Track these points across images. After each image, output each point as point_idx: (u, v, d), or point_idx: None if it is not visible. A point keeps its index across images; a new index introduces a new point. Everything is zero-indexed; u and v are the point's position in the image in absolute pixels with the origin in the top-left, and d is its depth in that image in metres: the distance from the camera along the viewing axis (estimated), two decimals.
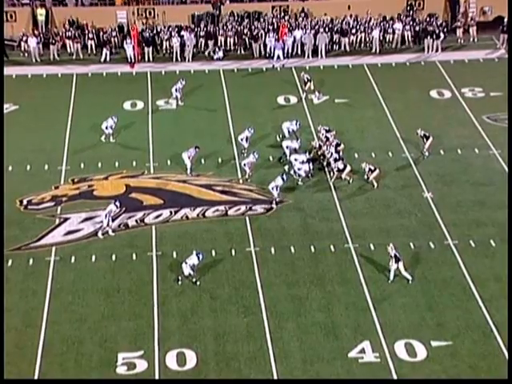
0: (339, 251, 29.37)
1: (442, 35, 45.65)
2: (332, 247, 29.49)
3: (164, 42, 45.99)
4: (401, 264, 27.55)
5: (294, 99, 40.55)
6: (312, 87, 40.02)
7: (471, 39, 47.02)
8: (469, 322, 25.79)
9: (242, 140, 35.16)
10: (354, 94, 40.86)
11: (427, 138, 34.90)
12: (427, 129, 35.61)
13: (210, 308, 26.63)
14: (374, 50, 46.01)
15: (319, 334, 25.46)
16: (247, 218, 31.33)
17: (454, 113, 39.13)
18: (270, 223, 30.97)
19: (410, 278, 27.60)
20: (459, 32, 47.04)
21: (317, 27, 46.27)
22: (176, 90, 39.45)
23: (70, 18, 46.78)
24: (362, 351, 24.81)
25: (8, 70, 43.23)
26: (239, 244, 29.79)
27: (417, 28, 46.86)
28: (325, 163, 34.18)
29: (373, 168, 33.03)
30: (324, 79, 42.60)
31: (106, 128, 36.43)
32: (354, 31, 46.66)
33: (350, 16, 47.40)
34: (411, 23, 47.10)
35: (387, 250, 27.78)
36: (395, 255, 27.56)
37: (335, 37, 46.53)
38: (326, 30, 46.22)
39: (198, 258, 27.68)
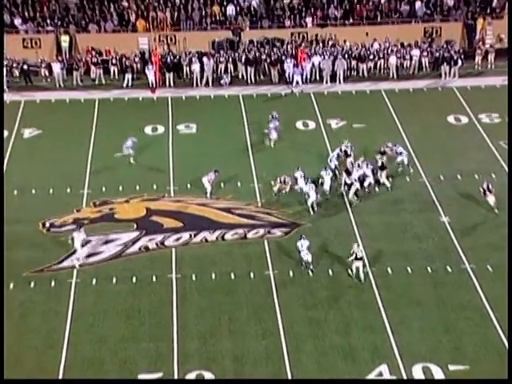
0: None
1: (459, 61, 45.71)
2: (350, 270, 29.45)
3: (185, 68, 46.27)
4: (360, 263, 28.73)
5: (312, 124, 40.65)
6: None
7: (488, 66, 47.03)
8: (486, 346, 25.65)
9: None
10: (372, 119, 40.90)
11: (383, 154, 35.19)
12: (445, 153, 35.62)
13: (229, 330, 26.64)
14: (391, 76, 46.11)
15: (337, 357, 25.39)
16: (266, 241, 31.37)
17: (470, 138, 39.10)
18: (289, 246, 30.97)
19: (362, 278, 28.70)
20: (478, 58, 47.04)
21: (335, 53, 46.45)
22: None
23: (93, 45, 47.16)
24: (380, 374, 24.72)
25: (32, 95, 43.73)
26: (258, 267, 29.83)
27: (435, 54, 46.90)
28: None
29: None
30: (342, 105, 42.75)
31: (127, 148, 36.65)
32: (371, 57, 46.81)
33: (371, 45, 47.51)
34: (429, 49, 47.19)
35: (353, 249, 28.80)
36: (355, 254, 28.68)
37: (353, 63, 46.70)
38: (345, 56, 46.41)
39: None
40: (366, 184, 34.13)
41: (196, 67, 45.29)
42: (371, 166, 34.58)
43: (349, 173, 34.21)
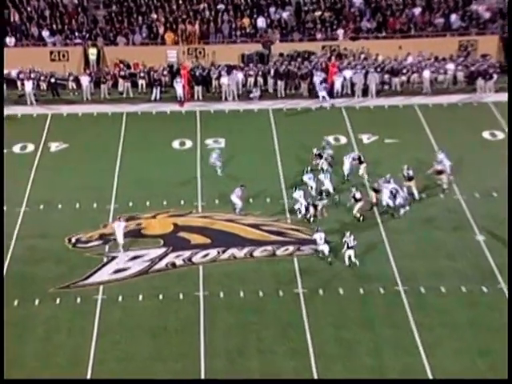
0: (388, 293, 29.28)
1: (494, 76, 45.56)
2: (381, 289, 29.41)
3: (213, 81, 46.51)
4: (352, 251, 30.30)
5: (343, 139, 40.66)
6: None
7: None
8: None
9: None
10: (404, 134, 40.81)
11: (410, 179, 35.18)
12: (480, 170, 35.49)
13: (257, 349, 26.68)
14: (425, 90, 46.04)
15: (367, 378, 25.30)
16: (295, 259, 31.41)
17: (506, 154, 38.88)
18: (318, 264, 30.99)
19: (358, 263, 30.43)
20: None
21: (367, 67, 46.50)
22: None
23: (121, 58, 47.58)
24: None
25: (59, 109, 44.17)
26: (287, 285, 29.86)
27: (470, 68, 46.76)
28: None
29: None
30: (374, 119, 42.76)
31: (213, 162, 37.03)
32: (404, 71, 46.78)
33: (405, 58, 47.51)
34: (464, 63, 47.06)
35: (344, 238, 30.41)
36: (347, 243, 30.35)
37: (386, 76, 46.72)
38: (377, 69, 46.45)
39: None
40: (397, 201, 33.98)
41: (225, 80, 45.54)
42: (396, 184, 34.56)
43: (377, 191, 34.21)
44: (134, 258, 31.65)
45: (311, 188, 35.18)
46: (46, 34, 48.95)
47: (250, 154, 39.06)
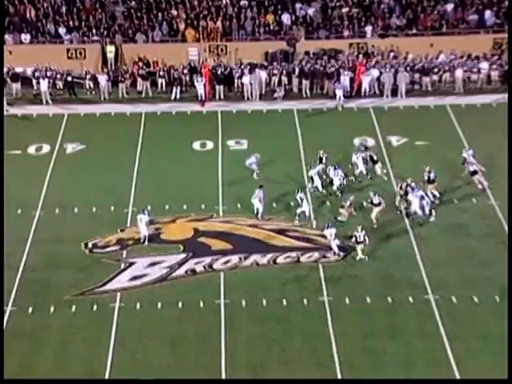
0: (418, 302, 29.17)
1: None
2: (411, 298, 29.30)
3: (236, 80, 46.56)
4: (361, 246, 31.24)
5: (371, 141, 40.53)
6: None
7: None
8: None
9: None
10: (436, 136, 40.64)
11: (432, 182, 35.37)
12: None
13: (281, 360, 26.66)
14: (457, 90, 45.85)
15: None
16: (320, 266, 31.36)
17: None
18: (345, 271, 30.95)
19: (364, 257, 31.28)
20: None
21: (397, 65, 46.37)
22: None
23: (140, 56, 47.75)
24: None
25: (76, 108, 44.40)
26: (312, 293, 29.82)
27: (505, 67, 46.52)
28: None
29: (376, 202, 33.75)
30: (403, 120, 42.63)
31: (250, 165, 37.10)
32: (436, 70, 46.61)
33: (436, 57, 47.34)
34: (498, 62, 46.84)
35: (353, 233, 31.32)
36: (356, 238, 31.22)
37: (416, 76, 46.56)
38: (407, 68, 46.30)
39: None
40: (426, 210, 33.78)
41: (246, 79, 45.57)
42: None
43: (406, 196, 34.06)
44: (153, 264, 31.71)
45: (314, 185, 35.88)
46: (62, 30, 49.24)
47: (273, 157, 38.97)
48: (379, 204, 33.67)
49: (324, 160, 36.93)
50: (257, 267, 31.53)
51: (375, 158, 37.10)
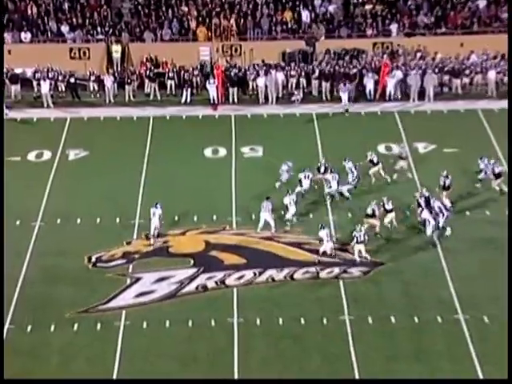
0: (447, 323, 29.19)
1: None
2: (439, 318, 29.33)
3: (250, 82, 46.72)
4: (362, 245, 31.99)
5: (395, 148, 40.54)
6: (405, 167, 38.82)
7: None
8: None
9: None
10: (466, 143, 40.63)
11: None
12: None
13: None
14: (490, 93, 45.89)
15: None
16: (341, 282, 31.44)
17: None
18: (367, 288, 31.01)
19: (368, 257, 32.20)
20: None
21: (424, 67, 46.45)
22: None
23: (147, 56, 48.04)
24: None
25: (79, 112, 44.70)
26: (332, 311, 29.87)
27: None
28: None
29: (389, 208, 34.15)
30: (431, 126, 42.68)
31: (282, 172, 37.27)
32: (467, 72, 46.66)
33: (467, 57, 47.43)
34: None
35: (353, 233, 32.19)
36: (356, 238, 32.01)
37: (445, 78, 46.63)
38: (436, 70, 46.39)
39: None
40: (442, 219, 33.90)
41: (261, 82, 45.68)
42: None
43: (426, 205, 34.15)
44: (161, 279, 31.84)
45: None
46: (65, 28, 49.61)
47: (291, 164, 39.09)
48: (392, 210, 33.97)
49: (322, 169, 37.24)
50: (272, 283, 31.62)
51: (375, 160, 37.52)
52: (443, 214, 33.56)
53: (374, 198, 34.68)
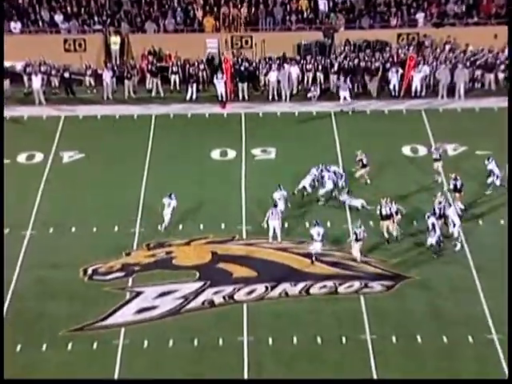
0: (479, 343, 29.17)
1: None
2: (470, 337, 29.31)
3: (262, 77, 46.78)
4: (360, 243, 32.79)
5: (422, 150, 40.60)
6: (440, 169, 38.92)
7: None
8: None
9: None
10: (501, 144, 40.53)
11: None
12: None
13: None
14: None
15: None
16: (362, 298, 31.46)
17: None
18: (391, 305, 31.03)
19: (358, 258, 32.98)
20: None
21: (454, 60, 46.44)
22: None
23: (149, 48, 48.14)
24: None
25: (74, 110, 44.82)
26: (351, 329, 29.90)
27: None
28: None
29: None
30: (462, 125, 42.66)
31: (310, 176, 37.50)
32: (502, 67, 46.61)
33: (501, 50, 47.39)
34: None
35: (353, 229, 32.90)
36: (356, 235, 32.73)
37: (477, 72, 46.62)
38: (467, 63, 46.36)
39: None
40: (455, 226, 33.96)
41: (273, 77, 45.70)
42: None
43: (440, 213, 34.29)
44: (163, 294, 31.91)
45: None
46: (58, 18, 49.81)
47: (306, 167, 39.01)
48: (398, 213, 34.30)
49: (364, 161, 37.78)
50: (286, 298, 31.66)
51: (365, 161, 37.76)
52: (454, 225, 33.80)
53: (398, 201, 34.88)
